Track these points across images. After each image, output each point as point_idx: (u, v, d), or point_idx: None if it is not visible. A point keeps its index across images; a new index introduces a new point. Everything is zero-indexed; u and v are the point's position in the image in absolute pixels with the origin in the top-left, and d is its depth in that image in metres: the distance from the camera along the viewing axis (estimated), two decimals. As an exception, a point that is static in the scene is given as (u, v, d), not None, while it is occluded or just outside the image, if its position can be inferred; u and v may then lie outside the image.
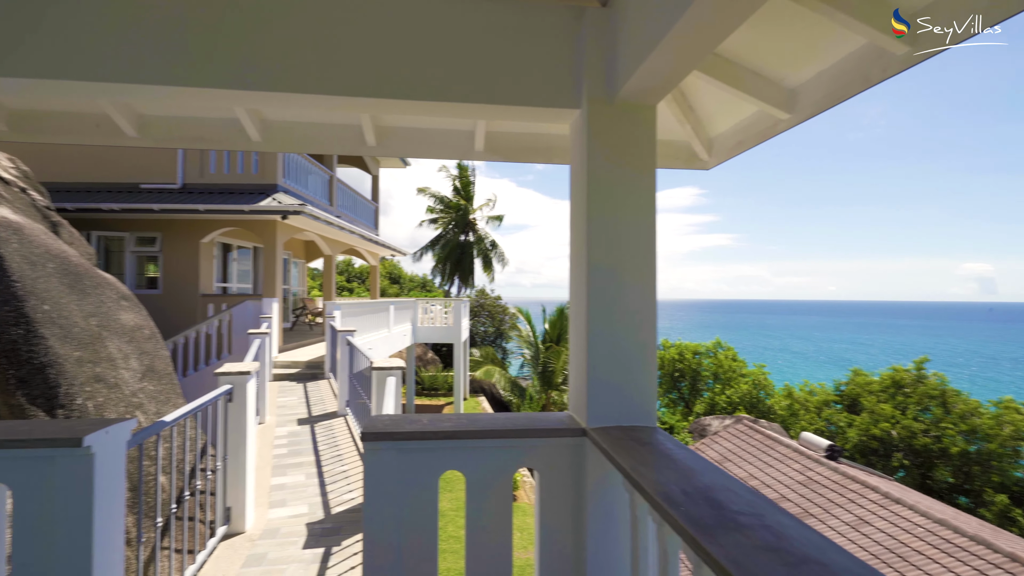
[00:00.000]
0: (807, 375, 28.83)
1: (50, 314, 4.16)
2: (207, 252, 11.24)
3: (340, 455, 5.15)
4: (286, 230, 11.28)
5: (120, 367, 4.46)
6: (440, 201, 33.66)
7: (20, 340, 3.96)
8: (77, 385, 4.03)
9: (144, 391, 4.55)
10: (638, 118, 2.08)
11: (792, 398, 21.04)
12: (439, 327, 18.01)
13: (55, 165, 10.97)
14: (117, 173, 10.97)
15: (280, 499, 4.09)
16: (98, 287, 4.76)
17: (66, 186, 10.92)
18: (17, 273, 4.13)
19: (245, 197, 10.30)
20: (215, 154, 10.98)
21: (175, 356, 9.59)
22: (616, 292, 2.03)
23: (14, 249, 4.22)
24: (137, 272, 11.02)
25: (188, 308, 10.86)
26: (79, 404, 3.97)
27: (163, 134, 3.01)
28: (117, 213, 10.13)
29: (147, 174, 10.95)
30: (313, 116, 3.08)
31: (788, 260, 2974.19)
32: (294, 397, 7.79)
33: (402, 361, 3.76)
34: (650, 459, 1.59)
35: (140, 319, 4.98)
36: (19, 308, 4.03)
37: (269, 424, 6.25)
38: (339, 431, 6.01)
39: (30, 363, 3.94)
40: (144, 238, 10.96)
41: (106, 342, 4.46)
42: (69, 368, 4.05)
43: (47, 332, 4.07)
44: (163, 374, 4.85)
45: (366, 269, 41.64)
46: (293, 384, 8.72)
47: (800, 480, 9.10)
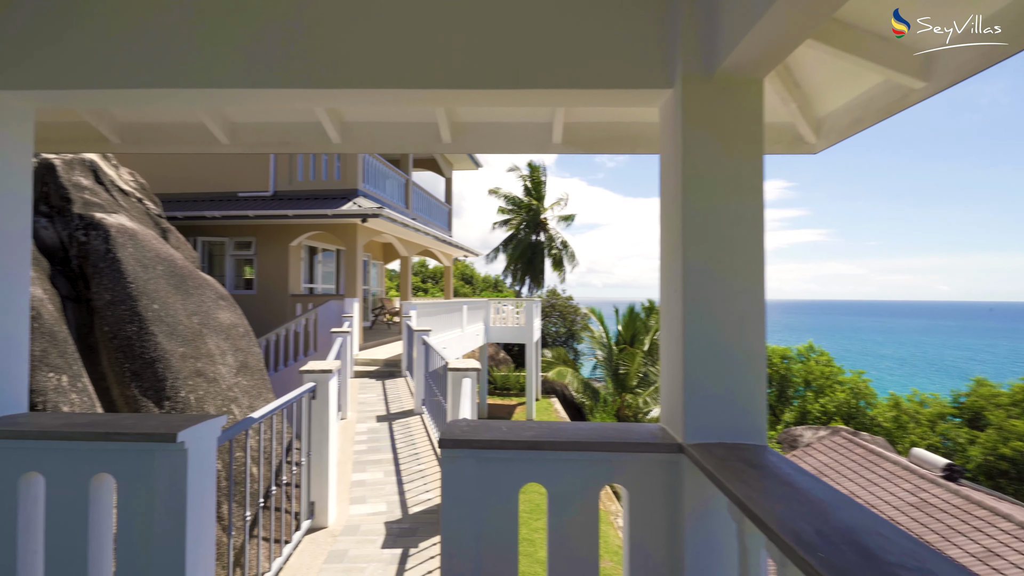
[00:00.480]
0: (914, 384, 25.97)
1: (159, 313, 4.49)
2: (295, 255, 11.96)
3: (417, 454, 5.20)
4: (365, 233, 11.76)
5: (218, 362, 4.74)
6: (511, 201, 33.85)
7: (134, 336, 4.31)
8: (181, 379, 4.32)
9: (239, 386, 4.82)
10: (742, 94, 1.83)
11: (899, 409, 18.98)
12: (511, 327, 18.06)
13: (167, 178, 12.15)
14: (218, 184, 11.96)
15: (360, 495, 4.17)
16: (199, 288, 5.11)
17: (176, 197, 12.07)
18: (132, 275, 4.50)
19: (328, 202, 10.84)
20: (302, 162, 11.66)
21: (267, 353, 10.28)
22: (717, 293, 1.80)
23: (129, 253, 4.61)
24: (235, 274, 11.95)
25: (279, 307, 11.61)
26: (182, 397, 4.25)
27: (252, 140, 3.14)
28: (218, 220, 11.04)
29: (243, 184, 11.84)
30: (390, 115, 3.08)
31: (891, 257, 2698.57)
32: (373, 394, 8.05)
33: (477, 362, 3.70)
34: (766, 485, 1.37)
35: (235, 317, 5.30)
36: (133, 307, 4.38)
37: (350, 420, 6.47)
38: (416, 429, 6.09)
39: (142, 358, 4.27)
40: (241, 242, 11.86)
41: (206, 339, 4.77)
42: (174, 363, 4.36)
43: (156, 329, 4.40)
44: (255, 370, 5.12)
45: (440, 270, 42.86)
46: (372, 382, 9.03)
47: (912, 502, 8.11)
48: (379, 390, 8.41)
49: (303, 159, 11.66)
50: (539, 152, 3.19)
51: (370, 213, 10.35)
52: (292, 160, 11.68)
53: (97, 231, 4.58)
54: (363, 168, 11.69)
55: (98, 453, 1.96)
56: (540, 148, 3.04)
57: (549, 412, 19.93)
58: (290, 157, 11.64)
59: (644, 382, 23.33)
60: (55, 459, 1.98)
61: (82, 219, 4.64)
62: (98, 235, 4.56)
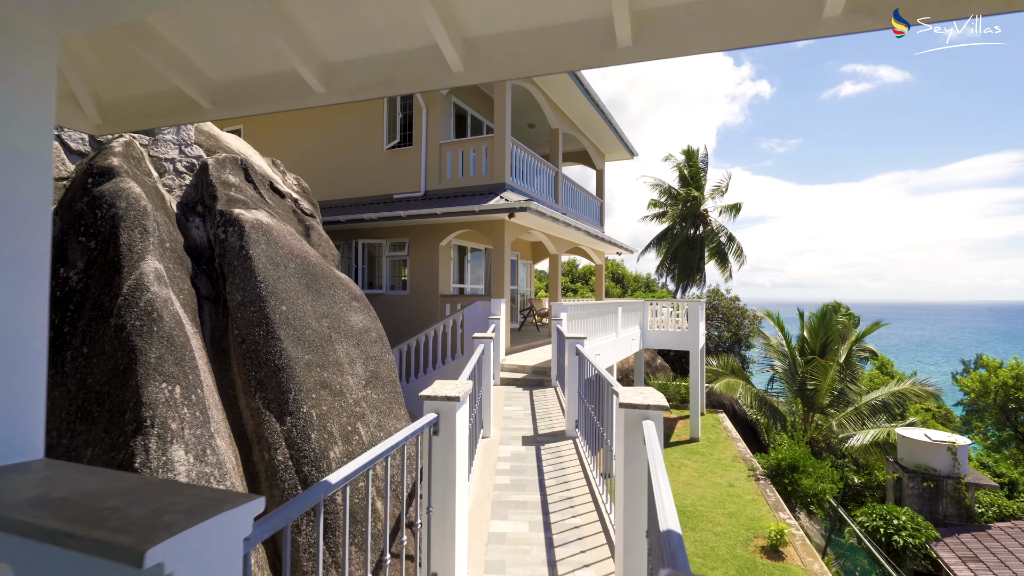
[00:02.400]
0: None
1: (287, 315, 4.01)
2: (445, 254, 11.79)
3: (571, 498, 4.08)
4: (513, 229, 11.08)
5: (346, 372, 4.14)
6: (666, 193, 31.22)
7: (260, 341, 3.85)
8: (304, 391, 3.75)
9: (367, 400, 4.17)
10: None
11: None
12: (671, 331, 16.08)
13: (332, 186, 12.94)
14: (376, 188, 12.33)
15: (497, 560, 3.17)
16: (332, 287, 4.61)
17: (341, 202, 12.77)
18: (262, 274, 4.08)
19: (476, 198, 10.37)
20: (450, 160, 11.42)
21: (410, 357, 10.13)
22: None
23: (262, 250, 4.22)
24: (391, 275, 12.21)
25: (429, 308, 11.52)
26: (304, 412, 3.67)
27: (352, 83, 2.29)
28: (375, 221, 11.31)
29: (397, 186, 12.03)
30: (535, 15, 1.98)
31: None
32: (520, 407, 7.17)
33: (661, 396, 2.41)
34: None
35: (368, 320, 4.72)
36: (262, 308, 3.95)
37: (492, 440, 5.61)
38: (568, 460, 4.98)
39: (267, 365, 3.79)
40: (396, 243, 12.07)
41: (335, 345, 4.20)
42: (299, 372, 3.81)
43: (283, 334, 3.90)
44: (387, 381, 4.46)
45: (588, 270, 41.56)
46: (519, 391, 8.19)
47: None
48: (526, 402, 7.51)
49: (451, 156, 11.41)
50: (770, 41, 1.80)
51: (517, 207, 9.59)
52: (441, 158, 11.50)
53: (233, 227, 4.30)
54: (510, 161, 11.03)
55: (52, 561, 1.16)
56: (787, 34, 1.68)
57: (717, 429, 17.40)
58: (440, 155, 11.48)
59: (839, 401, 19.31)
60: (18, 553, 1.24)
61: (222, 215, 4.41)
62: (234, 231, 4.28)
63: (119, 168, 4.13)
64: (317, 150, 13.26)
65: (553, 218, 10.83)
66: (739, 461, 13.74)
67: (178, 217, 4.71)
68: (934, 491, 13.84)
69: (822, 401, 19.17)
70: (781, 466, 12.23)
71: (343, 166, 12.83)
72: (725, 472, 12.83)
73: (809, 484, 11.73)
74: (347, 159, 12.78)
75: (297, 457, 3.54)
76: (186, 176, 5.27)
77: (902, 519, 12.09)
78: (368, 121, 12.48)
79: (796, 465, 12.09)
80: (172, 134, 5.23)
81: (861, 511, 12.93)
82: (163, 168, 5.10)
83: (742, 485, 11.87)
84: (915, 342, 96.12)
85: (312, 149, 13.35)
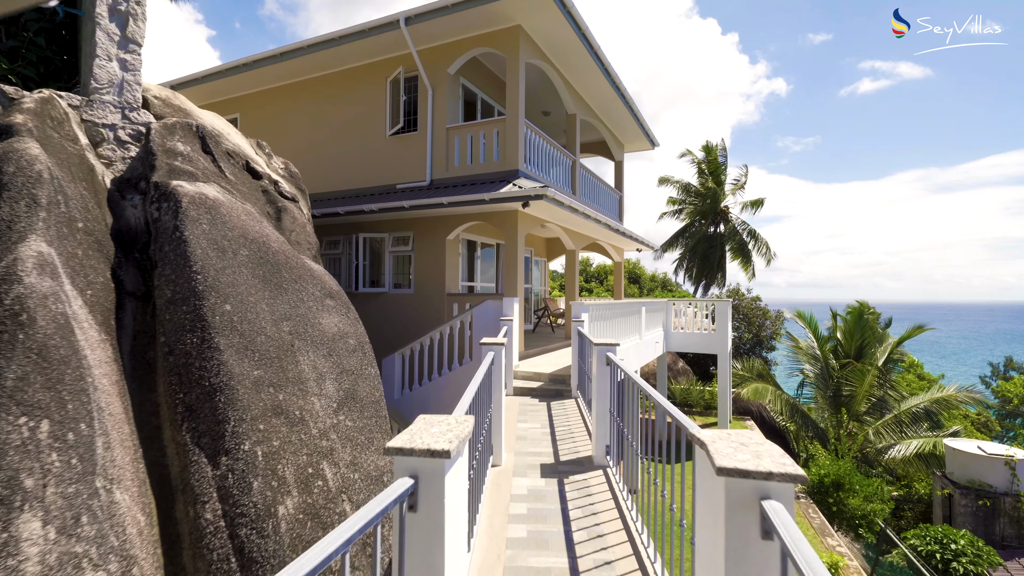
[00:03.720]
0: None
1: (231, 316, 2.99)
2: (453, 249, 10.80)
3: (610, 562, 3.03)
4: (527, 221, 10.05)
5: (311, 392, 3.12)
6: (684, 190, 29.95)
7: (193, 352, 2.85)
8: (248, 420, 2.73)
9: (339, 429, 3.15)
10: None
11: None
12: (696, 333, 14.92)
13: (335, 177, 12.02)
14: (378, 178, 11.38)
15: None
16: (299, 281, 3.60)
17: (341, 194, 11.83)
18: (200, 262, 3.08)
19: (486, 187, 9.36)
20: (458, 145, 10.42)
21: (418, 360, 9.12)
22: None
23: (202, 231, 3.22)
24: (395, 271, 11.25)
25: (436, 308, 10.53)
26: (246, 451, 2.67)
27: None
28: (376, 213, 10.35)
29: (401, 175, 11.06)
30: None
31: None
32: (536, 423, 6.13)
33: (788, 460, 1.31)
34: None
35: (346, 324, 3.70)
36: (197, 308, 2.94)
37: (505, 469, 4.58)
38: (599, 499, 3.93)
39: (200, 384, 2.78)
40: (399, 238, 11.10)
41: (297, 356, 3.18)
42: (242, 394, 2.79)
43: (224, 341, 2.89)
44: (367, 403, 3.44)
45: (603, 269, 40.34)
46: (535, 403, 7.15)
47: None
48: (543, 416, 6.48)
49: (459, 141, 10.42)
50: None
51: (532, 195, 8.55)
52: (448, 144, 10.50)
53: (168, 202, 3.32)
54: (524, 146, 9.99)
55: None
56: None
57: (745, 439, 16.19)
58: (446, 141, 10.48)
59: (877, 408, 17.96)
60: None
61: (157, 189, 3.44)
62: (168, 208, 3.30)
63: (22, 126, 3.18)
64: (315, 139, 12.36)
65: (572, 208, 9.78)
66: (774, 476, 12.53)
67: (112, 195, 3.75)
68: (990, 510, 12.53)
69: (858, 408, 17.84)
70: (824, 483, 11.04)
71: (343, 155, 11.90)
72: (760, 488, 11.65)
73: (857, 504, 10.53)
74: (347, 147, 11.85)
75: (232, 515, 2.54)
76: (131, 147, 4.32)
77: (960, 543, 10.78)
78: (369, 106, 11.54)
79: (841, 483, 10.89)
80: (113, 94, 4.28)
81: (912, 533, 11.64)
82: (100, 136, 4.15)
83: (781, 504, 10.69)
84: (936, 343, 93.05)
85: (310, 138, 12.44)
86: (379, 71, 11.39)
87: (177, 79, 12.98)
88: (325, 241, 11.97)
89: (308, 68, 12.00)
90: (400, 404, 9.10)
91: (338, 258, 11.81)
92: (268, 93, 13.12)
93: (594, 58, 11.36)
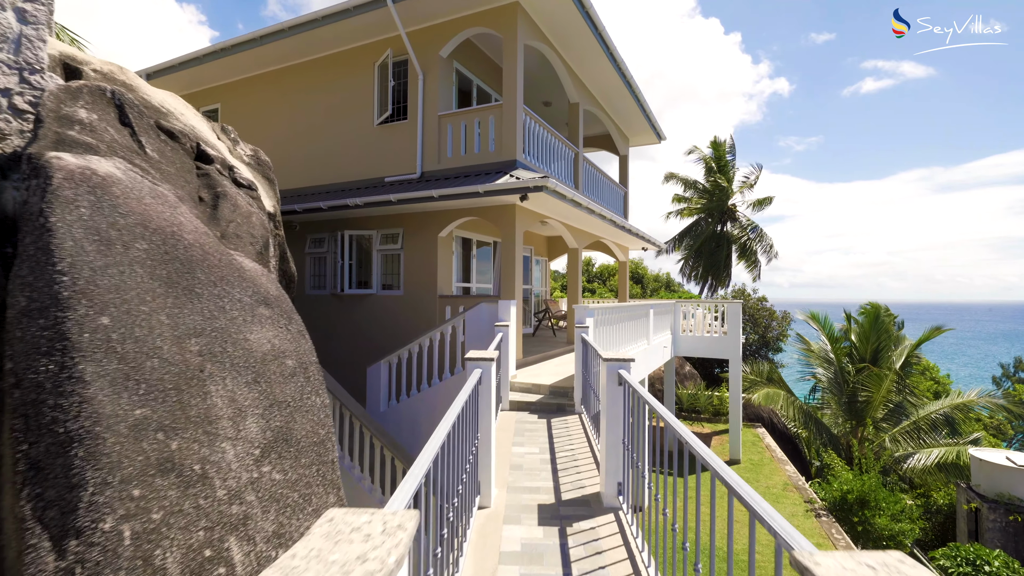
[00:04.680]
0: None
1: (108, 333, 2.16)
2: (445, 248, 9.98)
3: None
4: (526, 217, 9.22)
5: (222, 435, 2.30)
6: (691, 187, 29.12)
7: (47, 384, 2.01)
8: (117, 483, 1.90)
9: (259, 485, 2.34)
10: None
11: None
12: (706, 336, 14.08)
13: (319, 171, 11.20)
14: (365, 170, 10.56)
15: None
16: (220, 283, 2.76)
17: (325, 188, 11.01)
18: (69, 259, 2.24)
19: (481, 179, 8.52)
20: (451, 135, 9.59)
21: (405, 370, 8.28)
22: None
23: (78, 218, 2.38)
24: (383, 272, 10.42)
25: (427, 311, 9.71)
26: (106, 531, 1.82)
27: None
28: (361, 208, 9.53)
29: (390, 167, 10.23)
30: None
31: None
32: (534, 447, 5.29)
33: None
34: None
35: (284, 340, 2.87)
36: (58, 323, 2.10)
37: (494, 512, 3.75)
38: (611, 559, 3.10)
39: (52, 431, 1.94)
40: (388, 235, 10.27)
41: (207, 385, 2.36)
42: (112, 445, 1.96)
43: (93, 369, 2.07)
44: (305, 446, 2.62)
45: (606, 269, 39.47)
46: (533, 421, 6.32)
47: None
48: (543, 437, 5.65)
49: (452, 129, 9.58)
50: None
51: (531, 186, 7.72)
52: (440, 133, 9.67)
53: (38, 179, 2.49)
54: (523, 135, 9.16)
55: None
56: None
57: (758, 447, 15.32)
58: (439, 130, 9.65)
59: (894, 414, 17.11)
60: None
61: (30, 162, 2.60)
62: (36, 186, 2.47)
63: None
64: (299, 130, 11.53)
65: (575, 202, 8.94)
66: (791, 490, 11.71)
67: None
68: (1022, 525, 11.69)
69: (875, 414, 16.97)
70: (848, 500, 10.20)
71: (329, 147, 11.08)
72: (777, 504, 10.81)
73: (884, 524, 9.68)
74: (333, 138, 11.02)
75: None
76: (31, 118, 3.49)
77: (995, 565, 9.91)
78: (355, 93, 10.71)
79: (866, 500, 10.04)
80: (7, 52, 3.46)
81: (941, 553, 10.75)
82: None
83: (802, 524, 9.87)
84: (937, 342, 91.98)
85: (294, 129, 11.61)
86: (366, 55, 10.57)
87: (153, 67, 12.16)
88: (310, 239, 11.15)
89: (291, 53, 11.18)
90: (386, 418, 8.28)
91: (323, 257, 11.00)
92: (250, 82, 12.30)
93: (599, 40, 10.52)
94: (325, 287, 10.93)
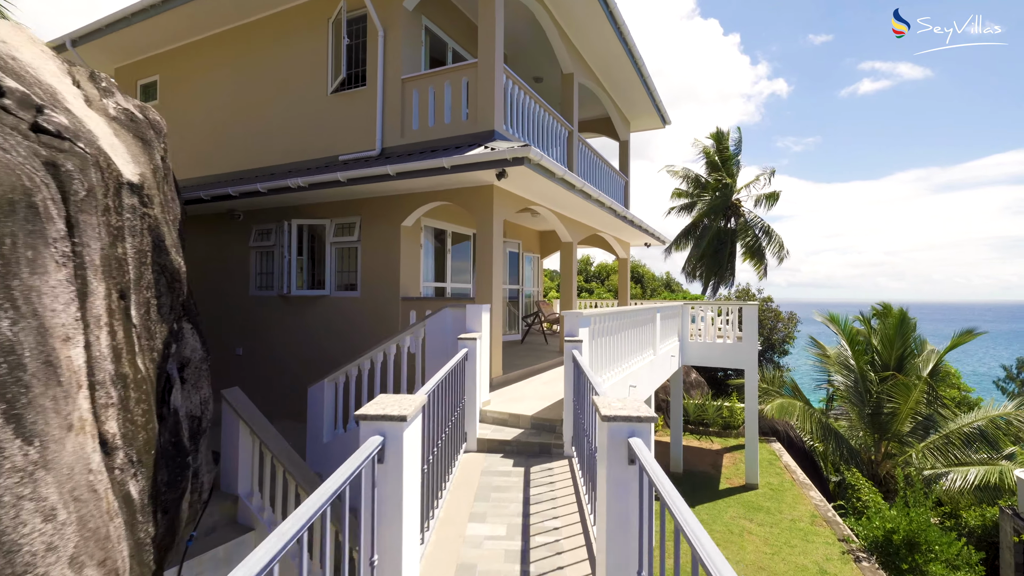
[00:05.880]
0: None
1: None
2: (412, 240, 8.27)
3: None
4: (507, 201, 7.53)
5: None
6: (693, 182, 27.47)
7: None
8: None
9: None
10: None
11: None
12: (718, 343, 12.40)
13: (265, 150, 9.49)
14: (316, 147, 8.84)
15: None
16: None
17: (270, 170, 9.30)
18: None
19: (450, 152, 6.83)
20: (417, 103, 7.89)
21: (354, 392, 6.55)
22: None
23: None
24: (339, 268, 8.70)
25: (388, 317, 8.00)
26: None
27: None
28: (306, 191, 7.80)
29: (345, 143, 8.52)
30: None
31: None
32: (500, 524, 3.59)
33: None
34: None
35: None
36: None
37: None
38: None
39: None
40: (342, 224, 8.56)
41: None
42: None
43: None
44: None
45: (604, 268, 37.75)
46: (506, 469, 4.61)
47: None
48: (515, 504, 3.94)
49: (418, 96, 7.87)
50: None
51: (508, 158, 6.03)
52: (404, 100, 7.96)
53: None
54: (504, 101, 7.47)
55: None
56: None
57: (776, 467, 13.65)
58: (402, 96, 7.95)
59: (921, 428, 15.45)
60: None
61: None
62: None
63: None
64: (245, 102, 9.80)
65: (566, 182, 7.25)
66: (820, 524, 10.04)
67: None
68: (1081, 562, 10.03)
69: (901, 428, 15.30)
70: (893, 541, 8.56)
71: (277, 122, 9.36)
72: (807, 544, 9.15)
73: (940, 572, 8.03)
74: (281, 112, 9.30)
75: None
76: None
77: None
78: (305, 56, 8.99)
79: (916, 541, 8.39)
80: None
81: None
82: None
83: (838, 569, 8.22)
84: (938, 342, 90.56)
85: (239, 101, 9.89)
86: (317, 10, 8.86)
87: (77, 30, 10.43)
88: (255, 231, 9.44)
89: (231, 12, 9.46)
90: (329, 450, 6.57)
91: (270, 251, 9.28)
92: (189, 49, 10.57)
93: (602, 3, 8.84)
94: (273, 287, 9.22)
